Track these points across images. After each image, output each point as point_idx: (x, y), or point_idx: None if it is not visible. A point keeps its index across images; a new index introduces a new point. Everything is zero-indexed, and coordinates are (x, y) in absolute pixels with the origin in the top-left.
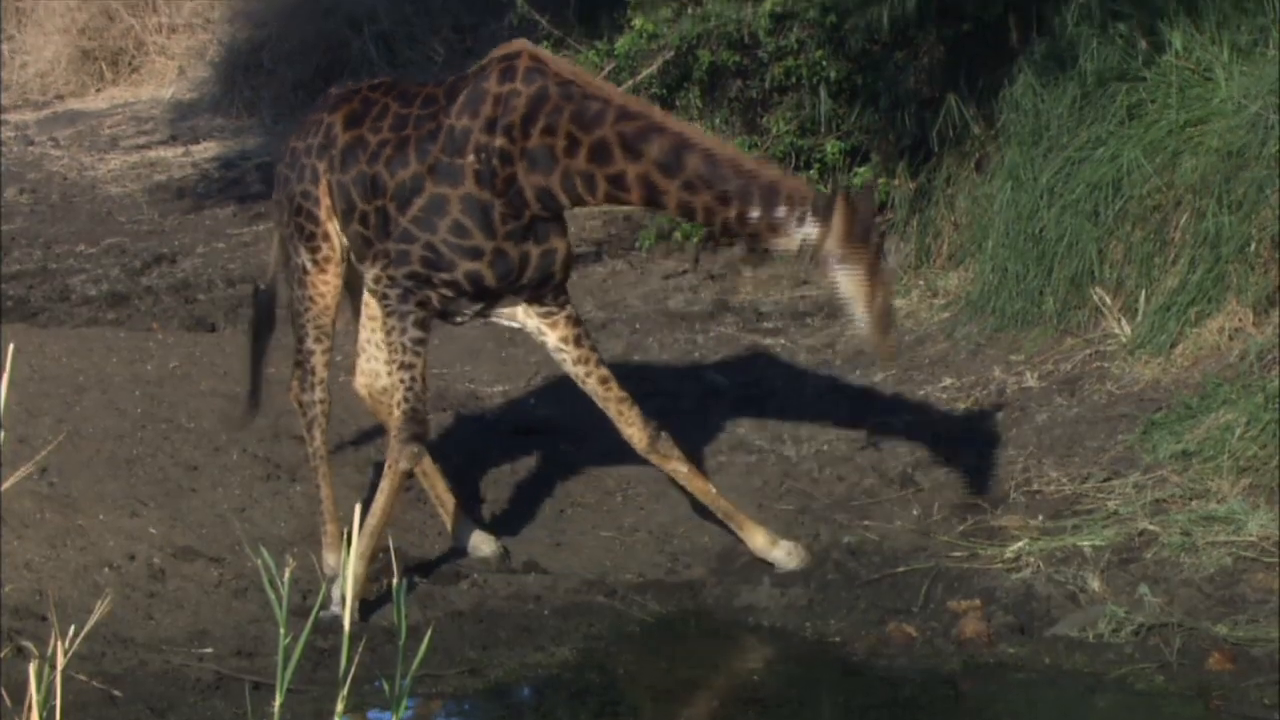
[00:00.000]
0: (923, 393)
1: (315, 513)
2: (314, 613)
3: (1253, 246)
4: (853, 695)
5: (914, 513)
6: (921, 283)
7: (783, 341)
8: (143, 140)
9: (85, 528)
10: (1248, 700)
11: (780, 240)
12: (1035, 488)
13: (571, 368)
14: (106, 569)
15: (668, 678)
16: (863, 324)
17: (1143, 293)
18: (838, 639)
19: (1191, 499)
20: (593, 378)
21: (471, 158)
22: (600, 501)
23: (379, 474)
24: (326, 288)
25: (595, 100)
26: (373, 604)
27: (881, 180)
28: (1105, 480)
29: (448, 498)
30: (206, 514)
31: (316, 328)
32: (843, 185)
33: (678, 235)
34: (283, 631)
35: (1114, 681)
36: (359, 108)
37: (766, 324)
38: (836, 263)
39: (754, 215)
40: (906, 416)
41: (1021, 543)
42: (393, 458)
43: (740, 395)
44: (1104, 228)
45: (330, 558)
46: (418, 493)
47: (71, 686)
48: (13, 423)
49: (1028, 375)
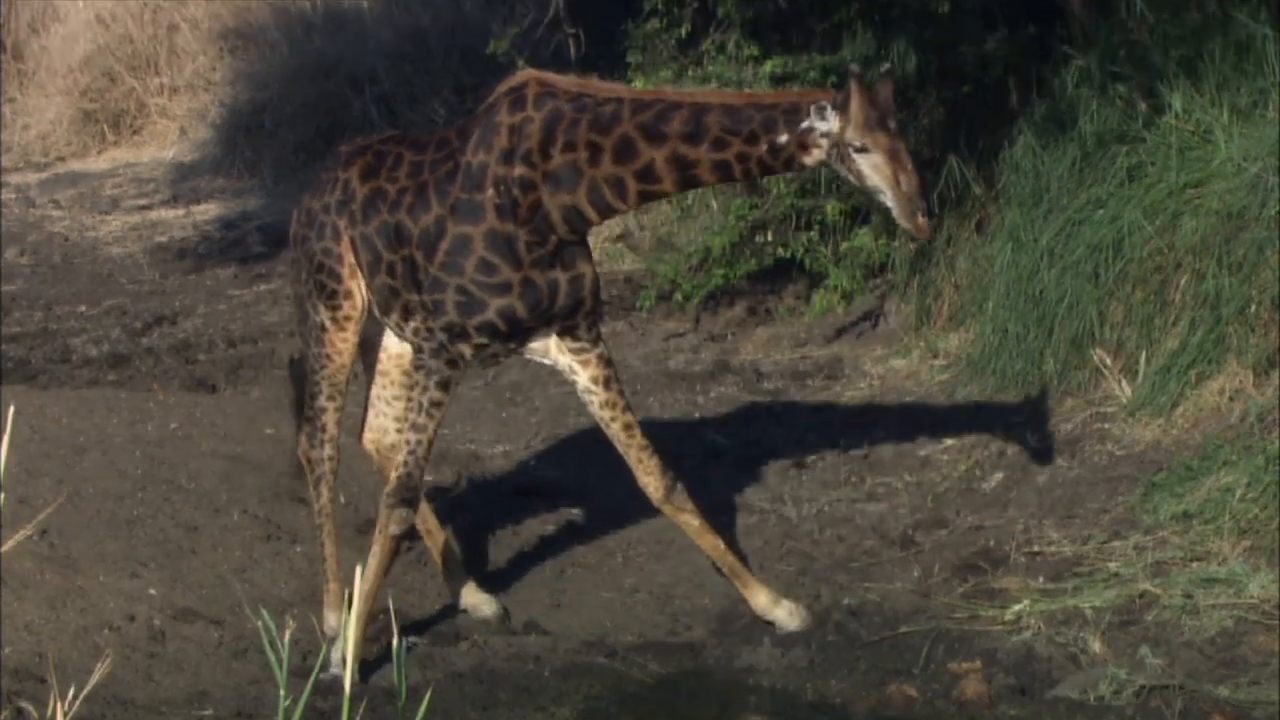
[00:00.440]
0: (923, 453)
1: (316, 573)
2: (314, 674)
3: (1253, 308)
4: None
5: (915, 574)
6: (922, 343)
7: (783, 402)
8: (144, 201)
9: (85, 589)
10: None
11: (813, 154)
12: (1036, 549)
13: (597, 410)
14: (106, 630)
15: None
16: (893, 208)
17: (1143, 354)
18: (838, 700)
19: (1192, 560)
20: (617, 423)
21: (491, 192)
22: (601, 562)
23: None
24: (344, 345)
25: (609, 103)
26: (372, 665)
27: (881, 241)
28: (1106, 541)
29: (449, 557)
30: (207, 575)
31: (331, 385)
32: (857, 73)
33: (678, 296)
34: (283, 693)
35: None
36: (373, 160)
37: (767, 384)
38: (856, 152)
39: (783, 140)
40: (907, 477)
41: (1022, 604)
42: (382, 522)
43: (741, 455)
44: (1104, 289)
45: (331, 617)
46: (417, 553)
47: None
48: (13, 484)
49: (1028, 436)
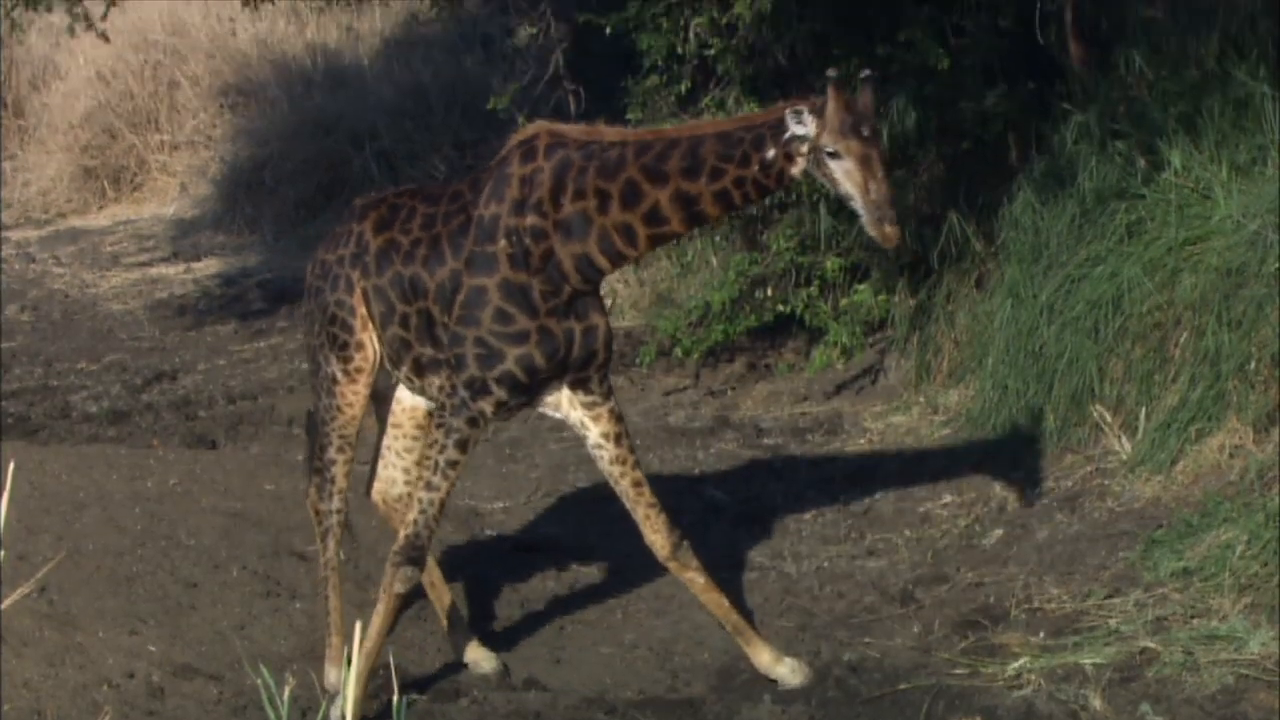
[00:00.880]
0: (923, 509)
1: (316, 629)
2: None
3: (1253, 364)
4: None
5: (915, 630)
6: (922, 399)
7: (782, 458)
8: (144, 257)
9: (84, 645)
10: None
11: (797, 164)
12: (1036, 605)
13: (607, 466)
14: (105, 687)
15: None
16: (861, 215)
17: (1143, 410)
18: None
19: (1193, 617)
20: (626, 479)
21: (503, 242)
22: (601, 618)
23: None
24: (356, 398)
25: (614, 148)
26: None
27: (881, 297)
28: (1106, 598)
29: (453, 613)
30: (206, 631)
31: (341, 437)
32: (834, 78)
33: (678, 352)
34: None
35: None
36: (386, 213)
37: (767, 440)
38: (829, 157)
39: (771, 154)
40: (907, 533)
41: (1022, 660)
42: (387, 580)
43: (741, 511)
44: (1104, 345)
45: (332, 672)
46: (417, 609)
47: None
48: (12, 540)
49: (1029, 491)
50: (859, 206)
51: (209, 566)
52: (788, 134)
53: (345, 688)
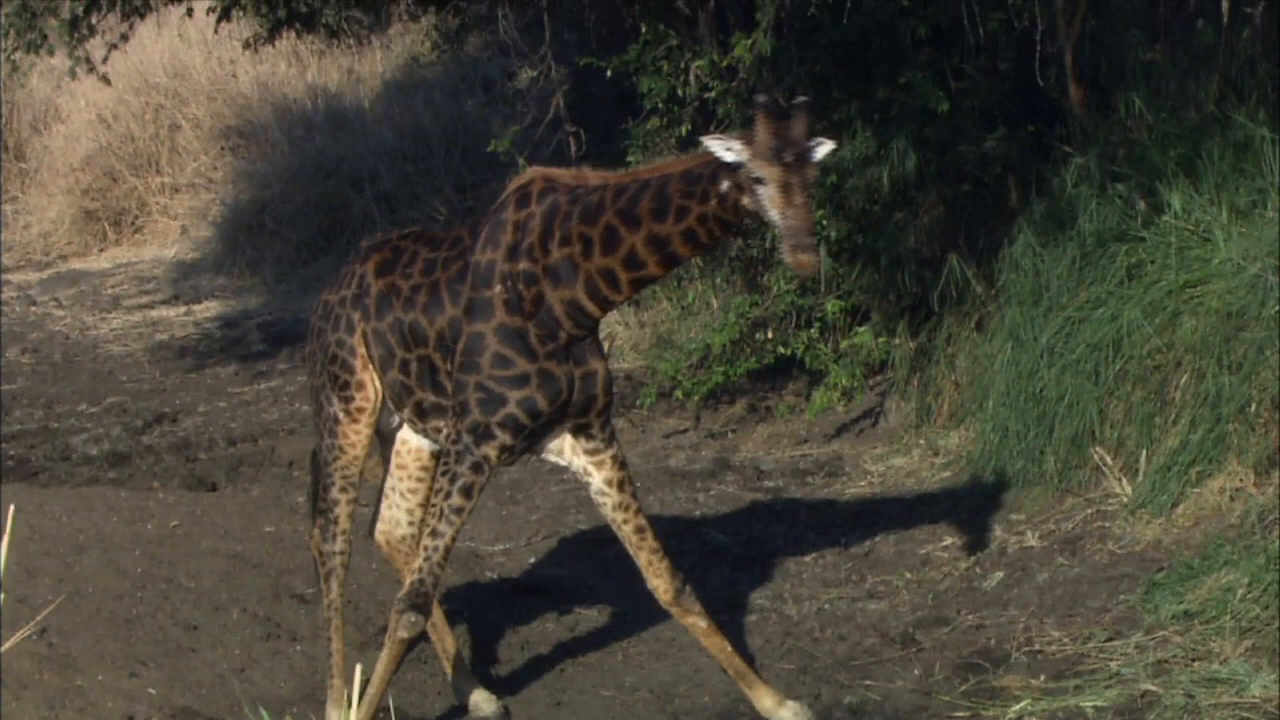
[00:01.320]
0: (924, 551)
1: (316, 671)
2: None
3: (1253, 407)
4: None
5: (916, 672)
6: (923, 441)
7: (783, 500)
8: (145, 300)
9: (84, 688)
10: None
11: (747, 194)
12: (1037, 647)
13: (610, 512)
14: None
15: None
16: (780, 241)
17: (1143, 452)
18: None
19: (1194, 660)
20: (629, 525)
21: (499, 288)
22: (601, 660)
23: (381, 632)
24: (358, 437)
25: (595, 192)
26: None
27: (881, 339)
28: (1107, 640)
29: (453, 654)
30: (206, 674)
31: (344, 477)
32: (763, 103)
33: (679, 394)
34: None
35: None
36: (389, 256)
37: (767, 482)
38: (756, 183)
39: (725, 187)
40: (908, 575)
41: (1023, 703)
42: (393, 626)
43: (741, 553)
44: (1104, 387)
45: (334, 715)
46: (418, 651)
47: None
48: (12, 583)
49: (1029, 534)
50: (778, 232)
51: (209, 609)
52: (736, 166)
53: None
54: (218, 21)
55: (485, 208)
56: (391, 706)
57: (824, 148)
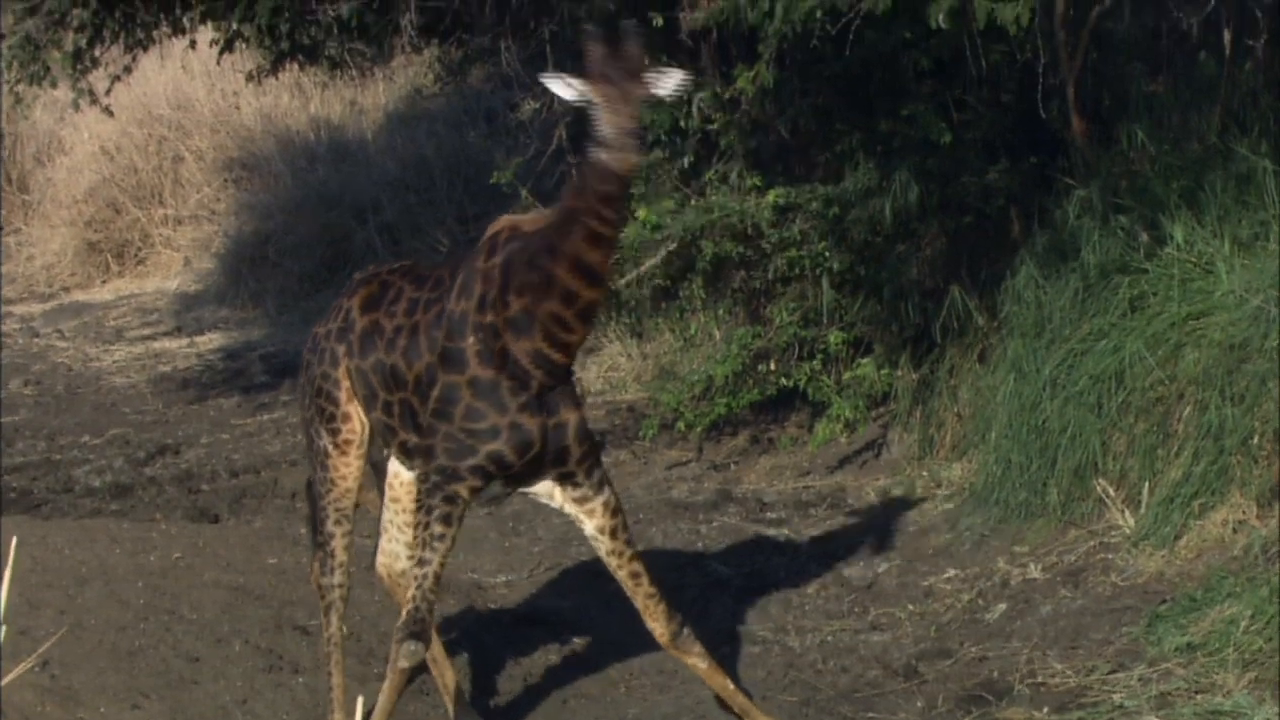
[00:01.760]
0: (926, 583)
1: (319, 704)
2: None
3: (1256, 439)
4: None
5: (919, 704)
6: (925, 473)
7: (786, 532)
8: (148, 331)
9: None
10: None
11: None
12: (1040, 679)
13: (604, 556)
14: None
15: None
16: (602, 146)
17: (1146, 484)
18: None
19: (1197, 692)
20: (624, 570)
21: (472, 339)
22: (603, 692)
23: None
24: (348, 470)
25: (538, 235)
26: None
27: (884, 371)
28: (1110, 673)
29: (453, 687)
30: (208, 706)
31: (337, 510)
32: (590, 31)
33: (681, 425)
34: None
35: None
36: (376, 291)
37: (770, 514)
38: (591, 107)
39: (599, 157)
40: (910, 607)
41: None
42: (393, 657)
43: (743, 585)
44: (1107, 419)
45: None
46: (420, 683)
47: None
48: (14, 615)
49: (1032, 566)
50: (601, 140)
51: (211, 641)
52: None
53: None
54: (221, 53)
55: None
56: None
57: (672, 78)
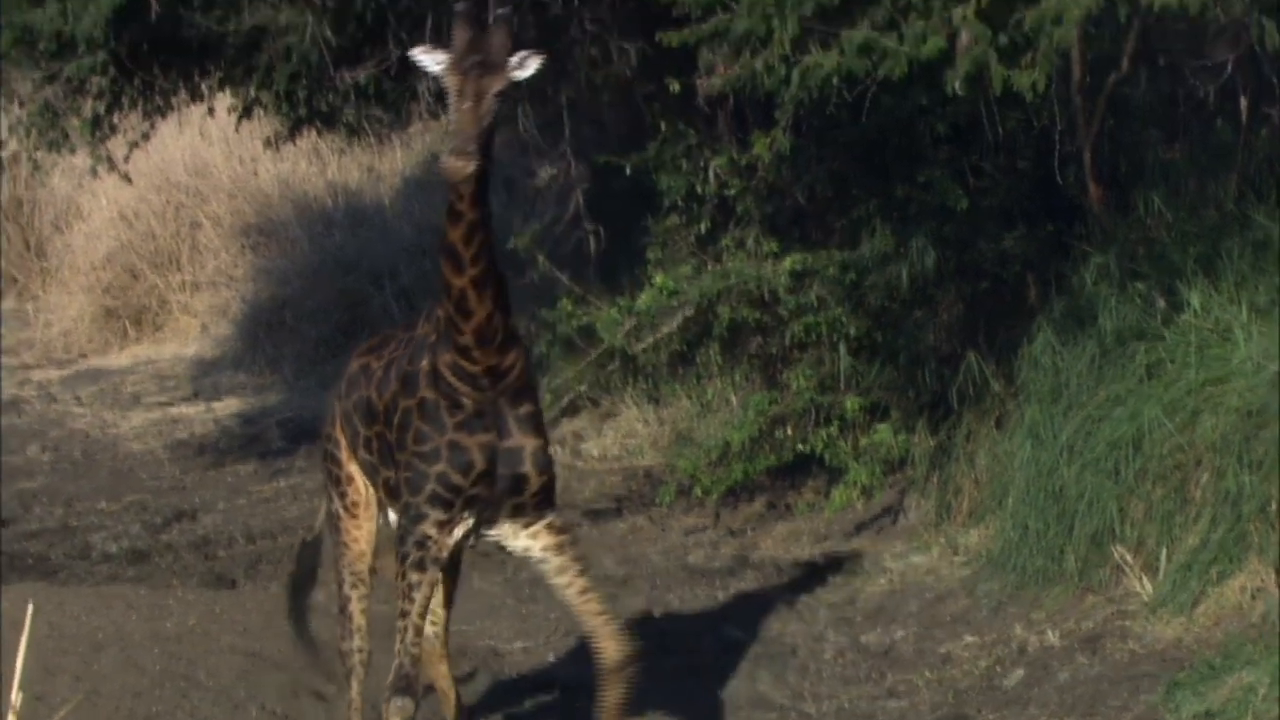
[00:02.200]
0: (944, 650)
1: None
2: None
3: (1274, 506)
4: None
5: None
6: (942, 539)
7: (803, 598)
8: (165, 397)
9: None
10: None
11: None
12: None
13: (554, 578)
14: None
15: None
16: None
17: (1164, 551)
18: None
19: None
20: (573, 589)
21: (424, 362)
22: None
23: None
24: (359, 533)
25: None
26: None
27: (901, 437)
28: None
29: None
30: None
31: (352, 574)
32: (461, 10)
33: (698, 491)
34: None
35: None
36: (376, 343)
37: (787, 579)
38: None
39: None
40: (928, 674)
41: None
42: (385, 714)
43: (760, 651)
44: (1124, 485)
45: None
46: None
47: None
48: (30, 681)
49: (1049, 633)
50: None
51: (228, 707)
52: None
53: None
54: (239, 120)
55: None
56: None
57: (532, 63)
